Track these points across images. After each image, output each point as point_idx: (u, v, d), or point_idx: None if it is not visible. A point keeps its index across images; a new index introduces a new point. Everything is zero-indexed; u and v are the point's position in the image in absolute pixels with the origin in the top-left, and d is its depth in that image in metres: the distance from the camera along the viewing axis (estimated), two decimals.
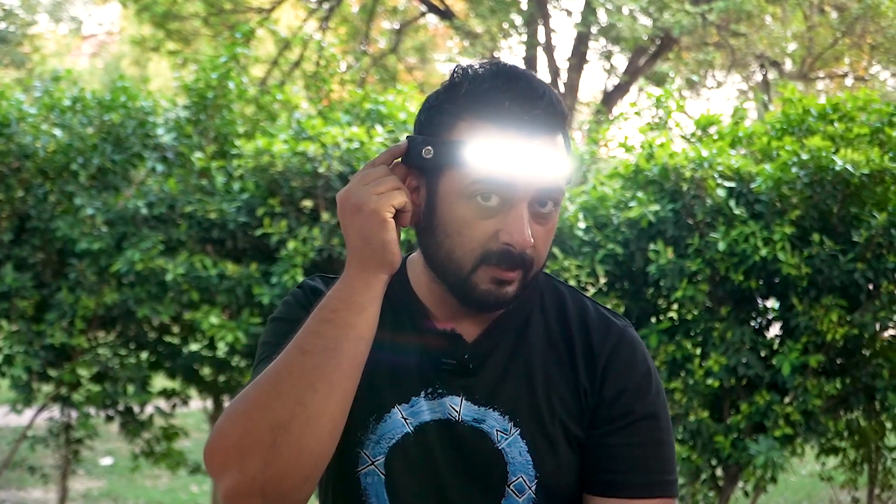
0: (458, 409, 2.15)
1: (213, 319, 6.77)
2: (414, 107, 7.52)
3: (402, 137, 7.00)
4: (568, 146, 2.12)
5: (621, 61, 22.05)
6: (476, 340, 2.18)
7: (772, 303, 6.88)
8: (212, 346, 7.41)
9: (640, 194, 6.62)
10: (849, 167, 6.19)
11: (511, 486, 2.14)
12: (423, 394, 2.16)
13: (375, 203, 2.03)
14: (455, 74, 2.11)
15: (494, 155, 1.99)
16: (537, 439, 2.14)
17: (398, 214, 2.07)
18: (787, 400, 6.59)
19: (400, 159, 2.13)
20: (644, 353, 2.22)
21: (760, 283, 6.58)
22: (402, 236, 6.18)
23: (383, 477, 2.15)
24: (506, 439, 2.14)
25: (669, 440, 2.19)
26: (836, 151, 6.46)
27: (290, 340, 2.03)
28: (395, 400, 2.16)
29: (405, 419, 2.15)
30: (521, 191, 2.02)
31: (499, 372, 2.17)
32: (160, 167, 7.29)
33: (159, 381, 8.07)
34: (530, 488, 2.14)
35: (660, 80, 21.05)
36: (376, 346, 2.11)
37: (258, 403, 1.96)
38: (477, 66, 2.09)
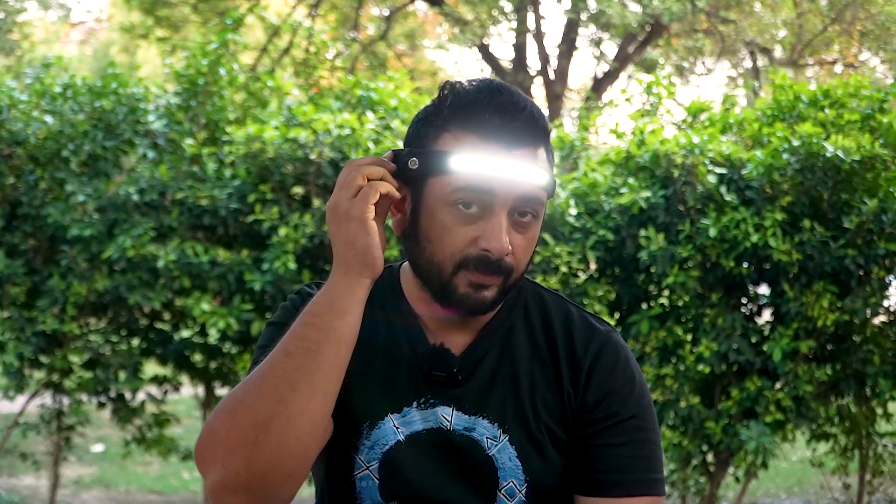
0: (449, 419, 2.22)
1: (205, 306, 6.78)
2: (405, 93, 7.52)
3: (393, 124, 7.04)
4: (550, 160, 2.18)
5: (611, 48, 22.02)
6: (464, 352, 2.24)
7: (763, 289, 6.90)
8: (203, 332, 7.42)
9: (631, 181, 6.62)
10: (840, 153, 6.22)
11: (502, 491, 2.21)
12: (414, 404, 2.23)
13: (359, 210, 2.07)
14: (443, 89, 2.17)
15: (476, 164, 2.06)
16: (525, 444, 2.21)
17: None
18: (777, 386, 6.61)
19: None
20: (627, 357, 2.27)
21: (751, 269, 6.61)
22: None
23: (377, 482, 2.22)
24: (495, 446, 2.21)
25: (655, 440, 2.24)
26: (827, 138, 6.49)
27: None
28: (387, 409, 2.23)
29: (397, 428, 2.22)
30: (500, 199, 2.08)
31: (486, 381, 2.24)
32: (151, 154, 7.28)
33: (151, 368, 8.07)
34: (521, 492, 2.21)
35: (649, 67, 21.09)
36: (369, 356, 2.22)
37: (243, 402, 2.04)
38: (464, 82, 2.16)
